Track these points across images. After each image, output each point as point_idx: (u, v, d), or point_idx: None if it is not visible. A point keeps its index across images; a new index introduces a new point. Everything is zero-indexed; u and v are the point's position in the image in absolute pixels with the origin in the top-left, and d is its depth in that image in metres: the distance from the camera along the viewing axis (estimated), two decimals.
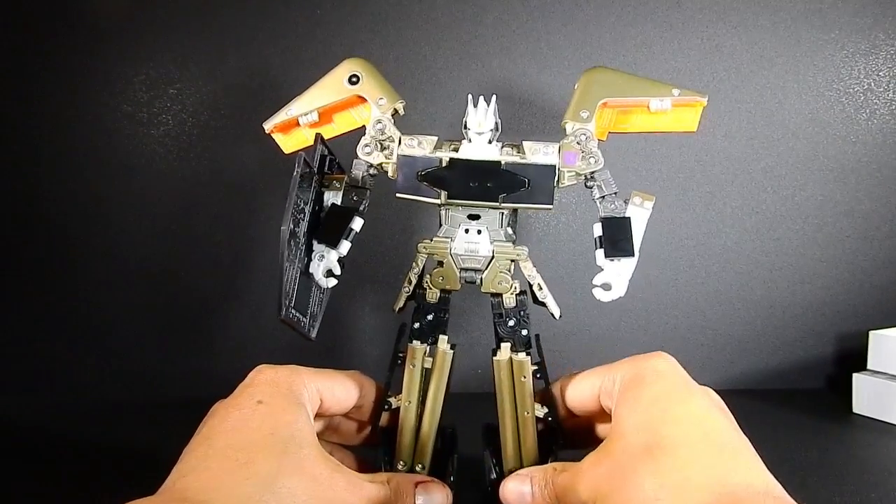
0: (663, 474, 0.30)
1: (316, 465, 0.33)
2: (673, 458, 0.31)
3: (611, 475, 0.32)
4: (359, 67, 0.43)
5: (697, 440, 0.32)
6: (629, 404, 0.35)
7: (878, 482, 0.52)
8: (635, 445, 0.32)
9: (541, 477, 0.37)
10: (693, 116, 0.41)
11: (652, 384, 0.35)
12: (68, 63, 0.69)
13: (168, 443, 0.34)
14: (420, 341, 0.41)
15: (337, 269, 0.39)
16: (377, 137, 0.41)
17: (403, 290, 0.42)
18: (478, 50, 0.72)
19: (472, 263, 0.41)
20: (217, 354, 0.72)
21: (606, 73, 0.42)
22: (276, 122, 0.44)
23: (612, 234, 0.39)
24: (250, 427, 0.33)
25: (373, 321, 0.73)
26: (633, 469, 0.31)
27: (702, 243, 0.76)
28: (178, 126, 0.71)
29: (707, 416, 0.33)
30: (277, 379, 0.36)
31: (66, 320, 0.71)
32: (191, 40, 0.71)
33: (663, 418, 0.33)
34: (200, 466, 0.31)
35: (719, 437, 0.32)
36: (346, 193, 0.41)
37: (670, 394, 0.34)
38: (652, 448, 0.32)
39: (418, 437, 0.41)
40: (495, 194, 0.40)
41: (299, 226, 0.37)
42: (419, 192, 0.40)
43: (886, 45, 0.76)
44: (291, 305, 0.36)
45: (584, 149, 0.40)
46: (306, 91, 0.43)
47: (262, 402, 0.34)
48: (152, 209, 0.71)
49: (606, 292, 0.39)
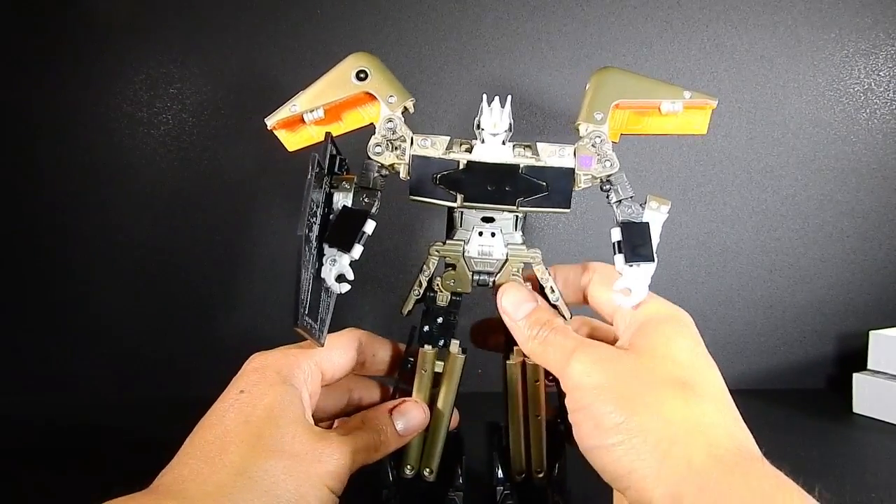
0: (692, 410, 0.31)
1: (296, 443, 0.33)
2: (702, 404, 0.32)
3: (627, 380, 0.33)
4: (367, 62, 0.41)
5: (726, 401, 0.34)
6: (665, 339, 0.35)
7: (878, 482, 0.52)
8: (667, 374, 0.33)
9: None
10: (703, 119, 0.42)
11: (690, 334, 0.36)
12: (68, 63, 0.69)
13: (172, 440, 0.35)
14: (430, 345, 0.40)
15: (350, 275, 0.38)
16: (388, 137, 0.40)
17: (413, 293, 0.41)
18: (478, 49, 0.72)
19: (486, 266, 0.40)
20: (218, 354, 0.72)
21: (618, 73, 0.42)
22: (279, 119, 0.42)
23: (631, 239, 0.39)
24: (228, 419, 0.33)
25: (376, 324, 0.73)
26: (660, 391, 0.32)
27: (702, 243, 0.76)
28: (178, 126, 0.71)
29: (724, 386, 0.35)
30: (265, 364, 0.36)
31: (66, 319, 0.71)
32: (191, 40, 0.71)
33: (699, 370, 0.34)
34: (179, 462, 0.32)
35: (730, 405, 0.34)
36: (357, 195, 0.39)
37: (702, 353, 0.36)
38: (686, 387, 0.32)
39: (426, 441, 0.40)
40: (513, 198, 0.39)
41: (312, 230, 0.36)
42: (434, 195, 0.40)
43: (887, 45, 0.76)
44: (306, 313, 0.35)
45: (599, 152, 0.40)
46: (310, 86, 0.41)
47: (243, 392, 0.35)
48: (152, 209, 0.71)
49: (626, 298, 0.38)
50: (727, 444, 0.31)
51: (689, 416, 0.31)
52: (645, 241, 0.38)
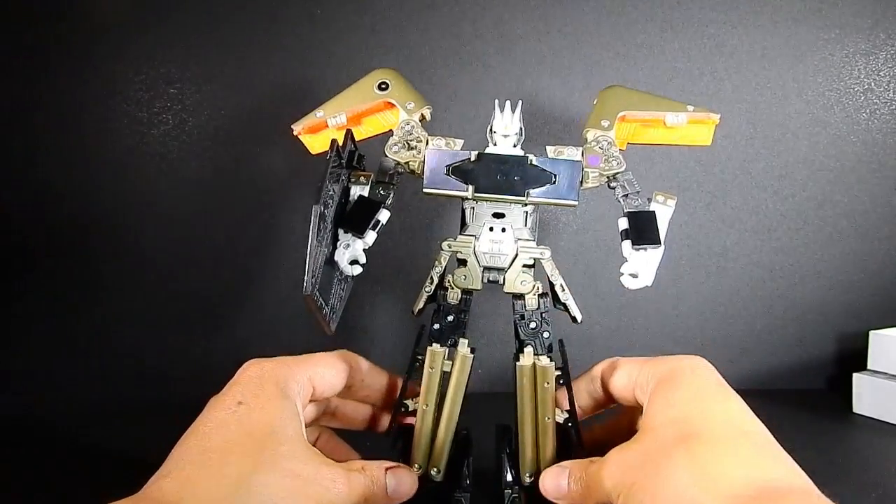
0: (699, 465, 0.30)
1: (297, 462, 0.33)
2: (711, 451, 0.31)
3: (641, 465, 0.32)
4: (388, 76, 0.45)
5: (736, 436, 0.32)
6: (664, 399, 0.34)
7: (878, 482, 0.52)
8: (670, 437, 0.32)
9: (577, 469, 0.37)
10: (708, 132, 0.44)
11: (690, 382, 0.35)
12: (68, 63, 0.69)
13: (169, 443, 0.34)
14: (439, 344, 0.40)
15: (362, 259, 0.39)
16: (405, 138, 0.43)
17: (425, 290, 0.41)
18: (478, 50, 0.72)
19: (496, 262, 0.41)
20: (220, 354, 0.72)
21: (624, 90, 0.45)
22: (305, 125, 0.45)
23: (638, 226, 0.40)
24: (227, 429, 0.33)
25: (386, 323, 0.73)
26: (666, 459, 0.31)
27: (702, 243, 0.76)
28: (178, 126, 0.71)
29: (745, 416, 0.33)
30: (263, 375, 0.36)
31: (67, 319, 0.71)
32: (191, 40, 0.71)
33: (702, 414, 0.33)
34: (176, 469, 0.31)
35: (758, 437, 0.32)
36: (373, 188, 0.41)
37: (708, 392, 0.34)
38: (688, 439, 0.31)
39: (434, 441, 0.40)
40: (522, 189, 0.41)
41: (328, 210, 0.37)
42: (447, 186, 0.41)
43: (887, 45, 0.76)
44: (316, 286, 0.35)
45: (606, 153, 0.42)
46: (335, 97, 0.45)
47: (241, 403, 0.34)
48: (152, 209, 0.71)
49: (634, 280, 0.40)
50: (749, 483, 0.29)
51: (697, 471, 0.30)
52: (651, 227, 0.40)
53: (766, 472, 0.30)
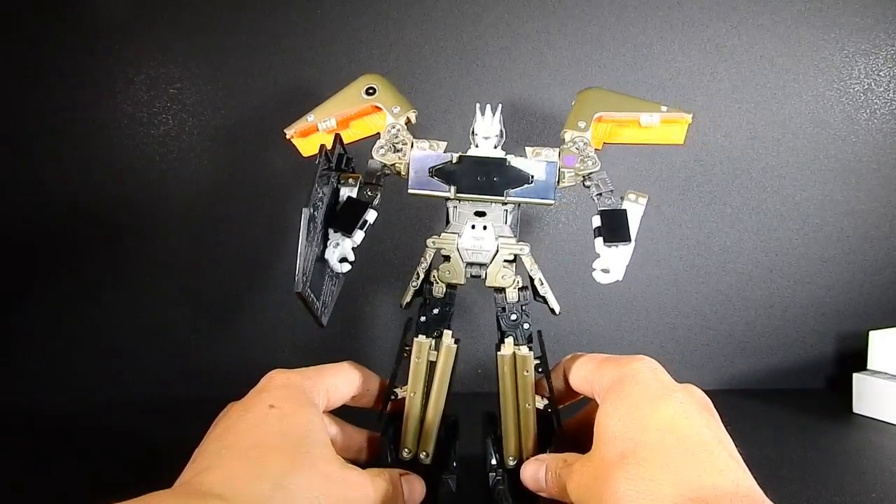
0: (636, 482, 0.31)
1: (327, 464, 0.34)
2: (644, 466, 0.31)
3: (592, 484, 0.34)
4: (375, 81, 0.47)
5: (670, 446, 0.32)
6: (608, 412, 0.35)
7: (878, 482, 0.52)
8: (612, 456, 0.33)
9: (553, 466, 0.38)
10: (681, 131, 0.46)
11: (630, 391, 0.36)
12: (68, 63, 0.70)
13: (180, 440, 0.35)
14: (425, 335, 0.43)
15: (351, 256, 0.41)
16: (391, 141, 0.44)
17: (411, 285, 0.43)
18: (478, 49, 0.72)
19: (478, 258, 0.43)
20: (221, 353, 0.72)
21: (600, 92, 0.47)
22: (296, 129, 0.47)
23: (609, 224, 0.42)
24: (263, 429, 0.34)
25: (378, 317, 0.73)
26: (610, 477, 0.32)
27: (702, 243, 0.76)
28: (179, 126, 0.71)
29: (681, 420, 0.33)
30: (289, 383, 0.38)
31: (68, 319, 0.71)
32: (191, 40, 0.71)
33: (639, 425, 0.34)
34: (216, 464, 0.32)
35: (692, 441, 0.32)
36: (361, 190, 0.43)
37: (646, 400, 0.35)
38: (626, 456, 0.32)
39: (423, 426, 0.42)
40: (501, 189, 0.43)
41: (318, 212, 0.39)
42: (429, 187, 0.43)
43: (887, 45, 0.76)
44: (308, 284, 0.38)
45: (581, 153, 0.44)
46: (324, 102, 0.47)
47: (273, 407, 0.35)
48: (152, 209, 0.71)
49: (605, 275, 0.42)
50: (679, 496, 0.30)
51: (634, 493, 0.30)
52: (622, 225, 0.42)
53: (696, 479, 0.30)
